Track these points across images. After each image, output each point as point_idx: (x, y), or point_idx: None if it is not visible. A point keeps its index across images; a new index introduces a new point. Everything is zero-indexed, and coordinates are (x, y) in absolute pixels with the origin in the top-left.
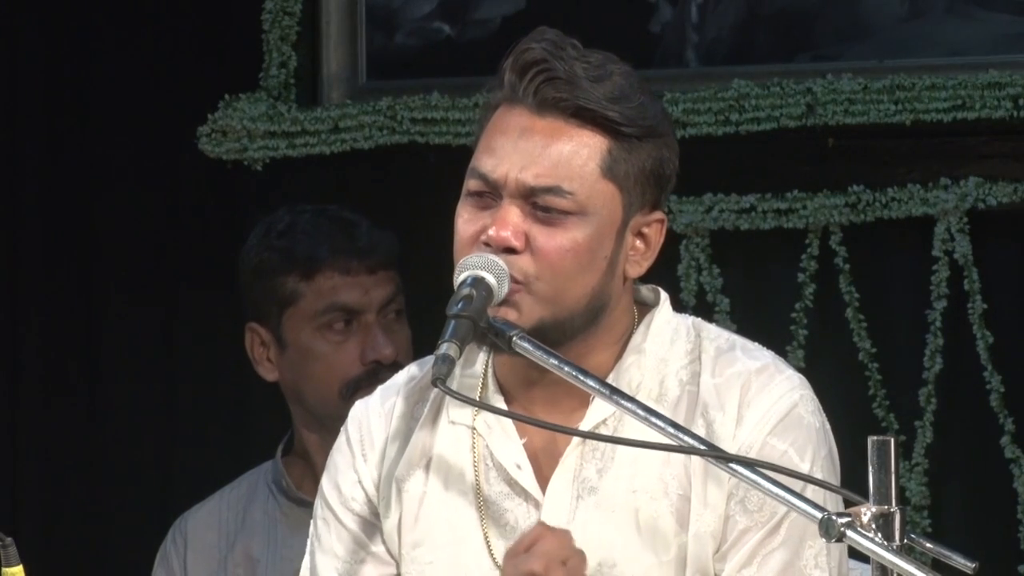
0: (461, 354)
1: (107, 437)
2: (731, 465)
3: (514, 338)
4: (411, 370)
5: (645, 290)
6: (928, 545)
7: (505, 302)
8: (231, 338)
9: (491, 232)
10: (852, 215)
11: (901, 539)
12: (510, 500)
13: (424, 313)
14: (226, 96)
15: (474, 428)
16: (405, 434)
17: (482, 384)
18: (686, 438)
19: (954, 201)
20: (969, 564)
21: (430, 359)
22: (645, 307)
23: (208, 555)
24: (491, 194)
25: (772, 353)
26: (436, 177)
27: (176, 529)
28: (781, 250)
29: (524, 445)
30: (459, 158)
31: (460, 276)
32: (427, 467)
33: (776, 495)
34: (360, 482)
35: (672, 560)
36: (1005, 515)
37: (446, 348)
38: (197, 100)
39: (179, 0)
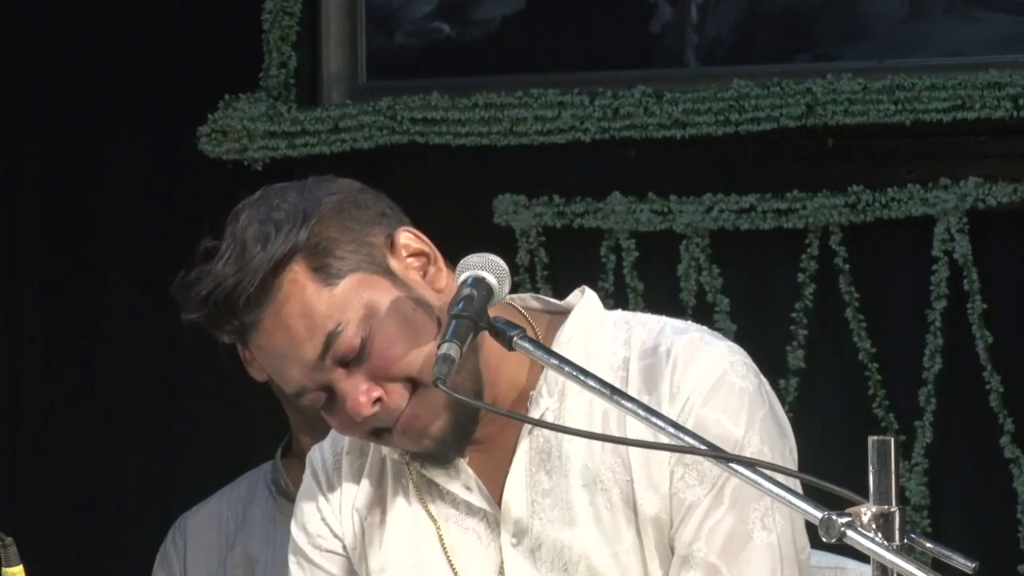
0: (462, 354)
1: (107, 437)
2: (731, 465)
3: (515, 338)
4: None
5: (571, 296)
6: (928, 545)
7: (406, 436)
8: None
9: (351, 413)
10: (852, 215)
11: (901, 539)
12: (467, 520)
13: None
14: (226, 96)
15: (407, 462)
16: (358, 470)
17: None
18: (686, 438)
19: (954, 201)
20: (969, 564)
21: None
22: (564, 312)
23: (208, 555)
24: (317, 396)
25: (702, 327)
26: (436, 177)
27: (176, 530)
28: (781, 250)
29: (468, 463)
30: (459, 158)
31: (460, 276)
32: (382, 498)
33: (774, 493)
34: (324, 520)
35: (631, 546)
36: (1005, 515)
37: (447, 348)
38: (197, 100)
39: (179, 0)
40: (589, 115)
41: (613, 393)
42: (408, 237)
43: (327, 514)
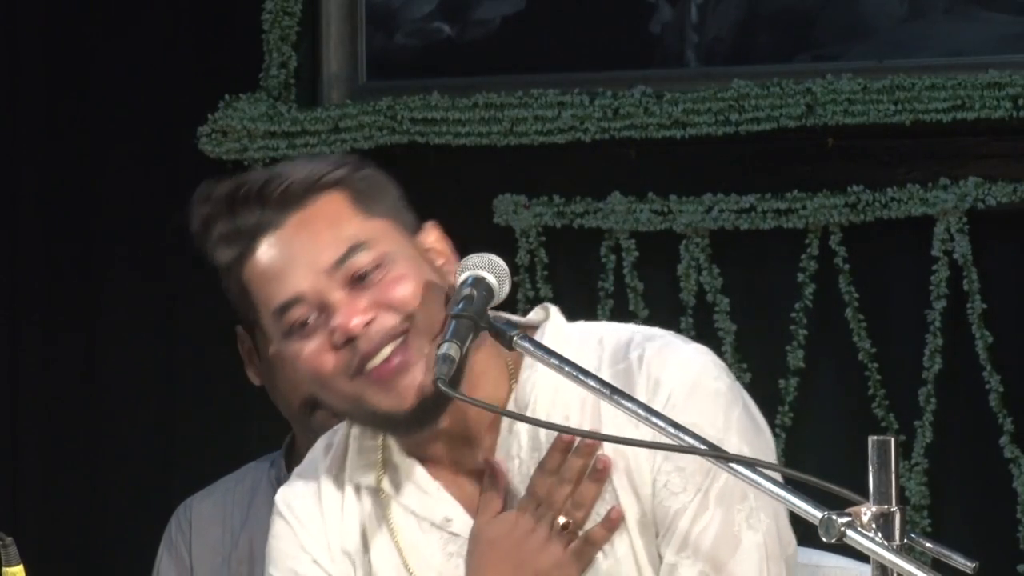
0: (461, 354)
1: (107, 437)
2: (731, 464)
3: (515, 338)
4: (325, 440)
5: (532, 314)
6: (928, 545)
7: (400, 371)
8: (230, 338)
9: (338, 331)
10: (852, 215)
11: (901, 539)
12: (452, 544)
13: None
14: (226, 96)
15: (381, 490)
16: (337, 506)
17: (382, 447)
18: (686, 437)
19: (953, 201)
20: (969, 564)
21: (341, 426)
22: (532, 328)
23: (213, 550)
24: (309, 313)
25: (670, 332)
26: (436, 177)
27: (181, 516)
28: (781, 250)
29: (445, 487)
30: (459, 158)
31: (460, 276)
32: (363, 532)
33: (774, 493)
34: (316, 561)
35: (624, 556)
36: (1005, 515)
37: (447, 348)
38: (197, 100)
39: (179, 0)
40: (589, 115)
41: (613, 393)
42: (436, 229)
43: (319, 555)
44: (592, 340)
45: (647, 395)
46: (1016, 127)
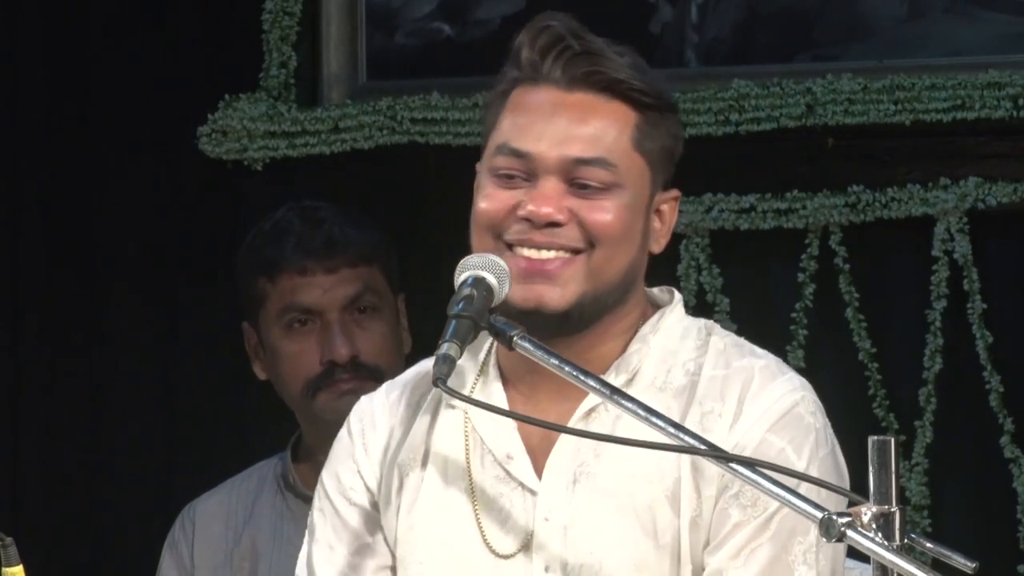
0: (462, 354)
1: (107, 437)
2: (731, 464)
3: (515, 338)
4: (423, 364)
5: (658, 291)
6: (928, 545)
7: (545, 277)
8: (231, 338)
9: (531, 207)
10: (852, 215)
11: (901, 539)
12: (505, 485)
13: (423, 313)
14: (226, 96)
15: (467, 414)
16: (408, 423)
17: (480, 371)
18: (686, 438)
19: (954, 201)
20: (969, 564)
21: None
22: (655, 307)
23: (215, 547)
24: (522, 173)
25: (776, 357)
26: (436, 177)
27: (185, 516)
28: (781, 250)
29: (518, 429)
30: (459, 158)
31: (460, 276)
32: (426, 454)
33: (774, 493)
34: (359, 472)
35: (667, 545)
36: (1005, 515)
37: (447, 348)
38: (197, 100)
39: (179, 0)
40: None
41: (613, 393)
42: (675, 202)
43: (363, 467)
44: (702, 332)
45: (740, 404)
46: (1016, 127)
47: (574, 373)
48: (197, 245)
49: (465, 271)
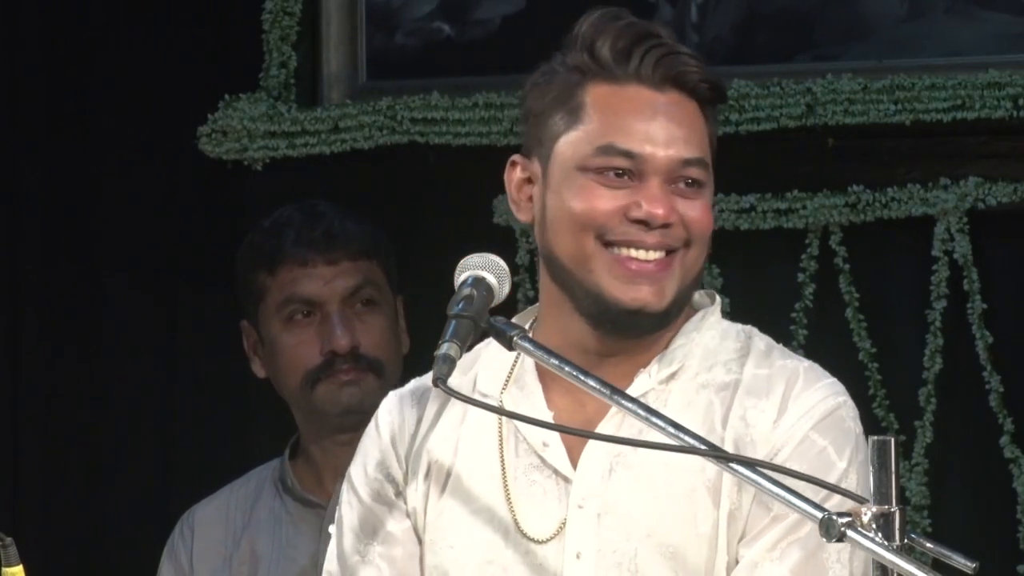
0: (462, 354)
1: (107, 437)
2: (731, 464)
3: (515, 338)
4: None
5: (698, 294)
6: (928, 545)
7: (650, 278)
8: (231, 337)
9: (648, 209)
10: (852, 215)
11: (901, 539)
12: (539, 472)
13: (424, 312)
14: (226, 96)
15: (501, 401)
16: (437, 413)
17: (516, 359)
18: (686, 438)
19: (954, 201)
20: (969, 564)
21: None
22: (693, 309)
23: (214, 551)
24: (630, 172)
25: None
26: (436, 177)
27: (184, 522)
28: (781, 250)
29: (554, 417)
30: (459, 158)
31: (461, 276)
32: (456, 442)
33: (774, 493)
34: (385, 463)
35: (705, 535)
36: (1005, 515)
37: (447, 348)
38: (197, 100)
39: (179, 0)
40: None
41: (613, 393)
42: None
43: (388, 457)
44: (741, 335)
45: (784, 401)
46: (1016, 127)
47: (574, 373)
48: (197, 245)
49: (465, 271)
